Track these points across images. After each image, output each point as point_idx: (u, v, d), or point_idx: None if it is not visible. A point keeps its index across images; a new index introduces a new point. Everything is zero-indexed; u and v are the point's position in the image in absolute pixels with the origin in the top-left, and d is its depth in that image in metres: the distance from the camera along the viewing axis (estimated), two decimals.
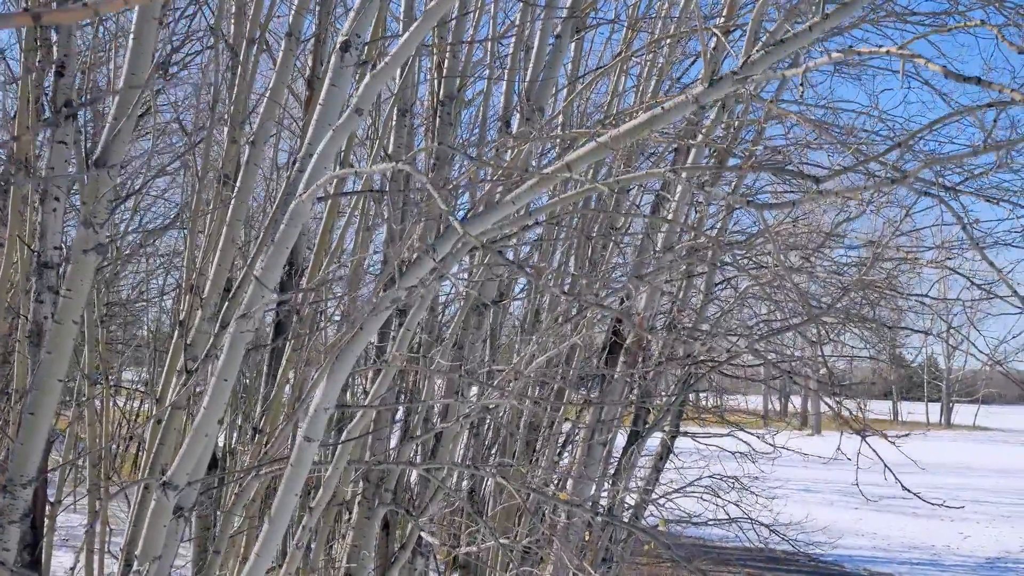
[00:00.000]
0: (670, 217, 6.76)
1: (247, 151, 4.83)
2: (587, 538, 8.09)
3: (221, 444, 8.64)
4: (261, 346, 4.35)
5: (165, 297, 13.30)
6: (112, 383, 7.32)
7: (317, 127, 3.12)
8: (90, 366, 6.25)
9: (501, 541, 3.83)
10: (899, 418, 53.01)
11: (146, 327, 13.76)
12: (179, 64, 8.65)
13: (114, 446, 7.19)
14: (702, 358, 8.51)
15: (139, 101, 3.31)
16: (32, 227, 5.18)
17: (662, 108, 2.40)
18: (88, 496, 6.12)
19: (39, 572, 4.98)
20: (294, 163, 4.00)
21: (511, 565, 5.74)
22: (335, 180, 3.38)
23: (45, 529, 7.01)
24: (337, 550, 7.19)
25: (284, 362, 5.39)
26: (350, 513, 6.68)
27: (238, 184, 4.85)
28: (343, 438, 3.37)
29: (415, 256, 2.63)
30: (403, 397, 5.03)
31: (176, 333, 5.12)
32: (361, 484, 5.81)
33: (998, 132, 3.84)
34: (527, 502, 5.19)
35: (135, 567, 2.90)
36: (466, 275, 4.26)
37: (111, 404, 6.40)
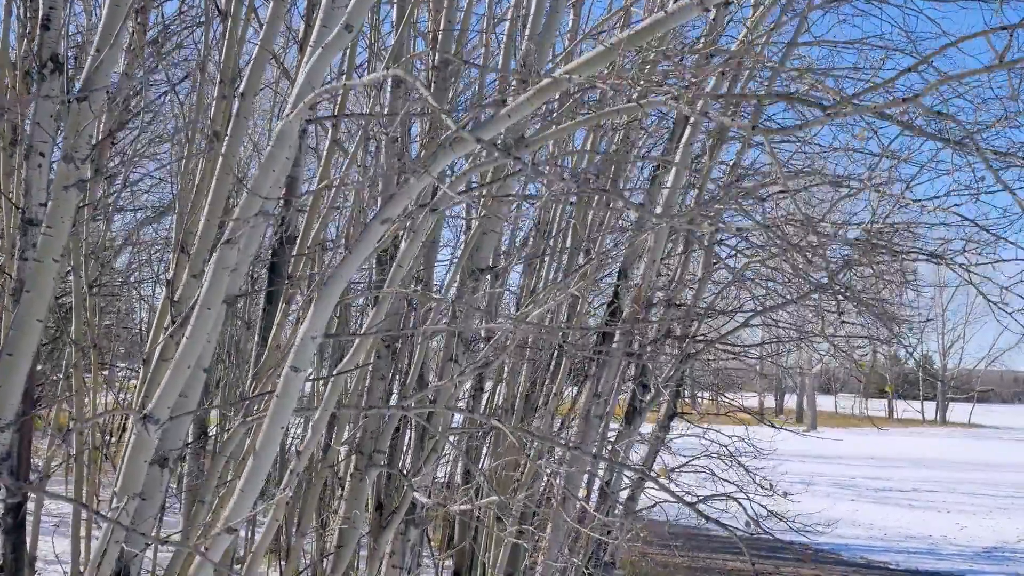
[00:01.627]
0: (667, 189, 6.66)
1: (236, 103, 4.72)
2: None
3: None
4: (251, 293, 4.23)
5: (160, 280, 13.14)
6: (101, 357, 7.20)
7: (311, 51, 3.01)
8: (78, 334, 6.13)
9: (497, 499, 3.71)
10: (894, 415, 53.03)
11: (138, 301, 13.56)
12: (175, 40, 8.55)
13: (102, 418, 7.06)
14: (699, 337, 8.42)
15: (122, 28, 3.19)
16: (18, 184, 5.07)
17: (665, 12, 2.29)
18: (75, 464, 6.01)
19: (22, 536, 4.86)
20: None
21: (508, 524, 5.63)
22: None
23: (34, 505, 6.91)
24: (331, 519, 7.08)
25: (275, 326, 5.28)
26: (342, 488, 6.57)
27: (227, 137, 4.74)
28: (337, 370, 3.26)
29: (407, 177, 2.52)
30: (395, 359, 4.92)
31: (165, 291, 5.01)
32: (354, 457, 5.71)
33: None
34: (526, 451, 5.08)
35: (115, 503, 2.79)
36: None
37: (100, 376, 6.27)
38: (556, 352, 7.73)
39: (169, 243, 12.47)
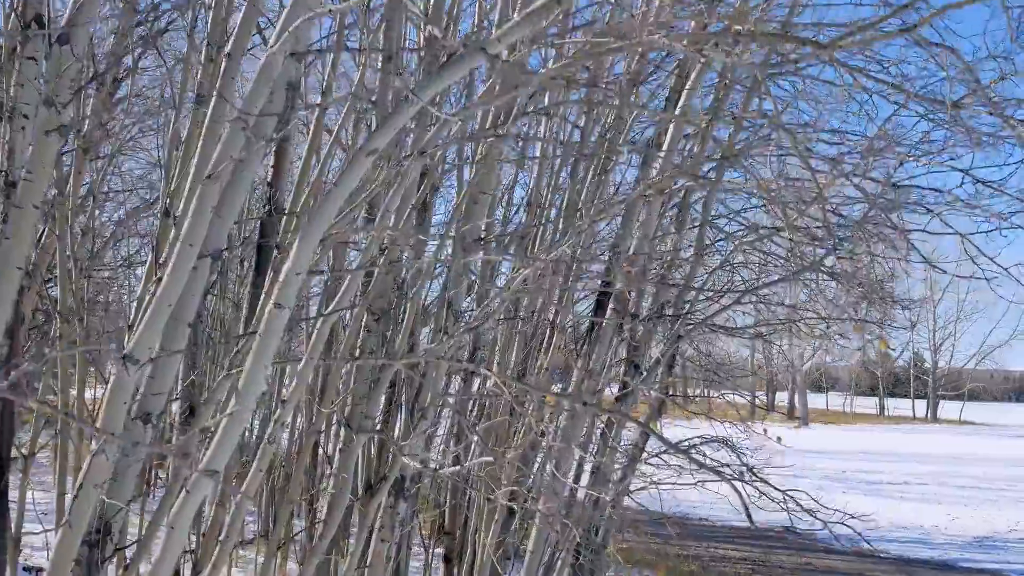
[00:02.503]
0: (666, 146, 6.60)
1: (224, 63, 4.65)
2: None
3: None
4: (240, 246, 4.17)
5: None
6: (87, 332, 7.12)
7: None
8: (63, 304, 6.05)
9: (490, 457, 3.65)
10: (885, 412, 53.13)
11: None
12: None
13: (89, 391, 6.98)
14: (691, 318, 8.36)
15: None
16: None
17: None
18: (59, 439, 5.93)
19: (5, 507, 4.79)
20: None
21: (503, 480, 5.57)
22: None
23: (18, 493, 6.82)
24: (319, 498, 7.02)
25: (264, 296, 5.22)
26: (331, 464, 6.50)
27: (213, 99, 4.67)
28: (328, 310, 3.20)
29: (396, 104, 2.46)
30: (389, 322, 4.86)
31: (152, 257, 4.94)
32: (343, 432, 5.65)
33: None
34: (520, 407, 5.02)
35: (93, 446, 2.72)
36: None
37: (86, 352, 6.18)
38: (548, 330, 7.67)
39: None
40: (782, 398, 50.94)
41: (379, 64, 4.26)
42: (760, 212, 9.52)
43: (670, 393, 9.59)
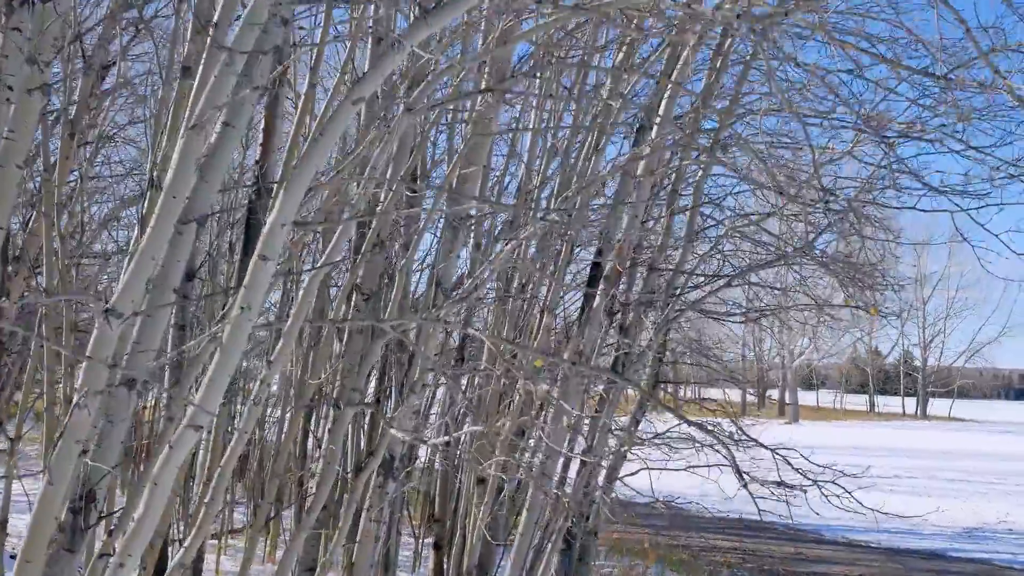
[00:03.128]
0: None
1: (210, 33, 4.62)
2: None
3: None
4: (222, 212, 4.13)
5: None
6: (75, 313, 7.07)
7: None
8: (48, 282, 6.00)
9: (478, 428, 3.63)
10: (875, 409, 53.28)
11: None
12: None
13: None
14: (680, 302, 8.35)
15: None
16: None
17: None
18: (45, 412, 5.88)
19: None
20: None
21: (496, 451, 5.55)
22: None
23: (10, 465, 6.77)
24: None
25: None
26: (320, 446, 6.46)
27: (200, 69, 4.63)
28: (320, 263, 3.17)
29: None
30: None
31: (137, 230, 4.90)
32: (333, 411, 5.62)
33: None
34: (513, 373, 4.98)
35: (75, 400, 2.68)
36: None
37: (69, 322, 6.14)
38: (539, 314, 7.66)
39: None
40: (772, 395, 51.07)
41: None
42: (749, 196, 9.51)
43: (660, 381, 9.58)
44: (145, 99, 9.36)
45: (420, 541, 10.87)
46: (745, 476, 7.13)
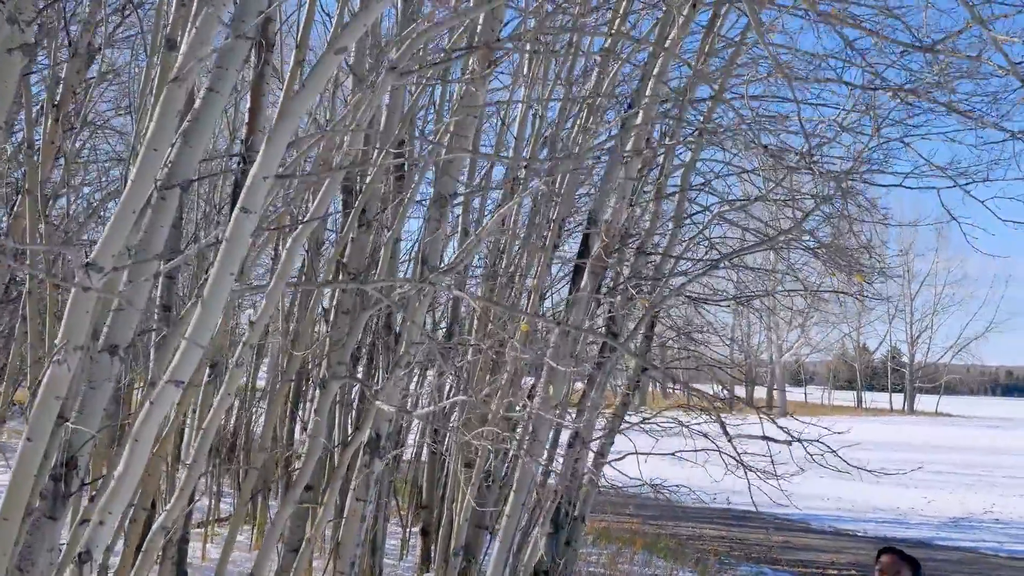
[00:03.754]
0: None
1: (194, 4, 4.58)
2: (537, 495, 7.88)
3: None
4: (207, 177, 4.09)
5: None
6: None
7: None
8: (32, 260, 5.95)
9: (470, 399, 3.61)
10: (863, 405, 53.46)
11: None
12: None
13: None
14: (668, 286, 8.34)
15: None
16: None
17: None
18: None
19: None
20: None
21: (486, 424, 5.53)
22: None
23: None
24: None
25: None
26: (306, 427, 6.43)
27: (185, 41, 4.60)
28: (307, 218, 3.13)
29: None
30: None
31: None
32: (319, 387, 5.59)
33: None
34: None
35: (53, 356, 2.65)
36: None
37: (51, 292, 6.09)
38: (528, 295, 7.64)
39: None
40: (760, 392, 51.20)
41: None
42: (736, 184, 9.52)
43: (647, 367, 9.57)
44: (131, 83, 9.33)
45: (408, 529, 10.86)
46: (734, 446, 7.16)
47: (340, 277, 6.11)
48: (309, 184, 3.50)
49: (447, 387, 7.80)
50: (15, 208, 8.35)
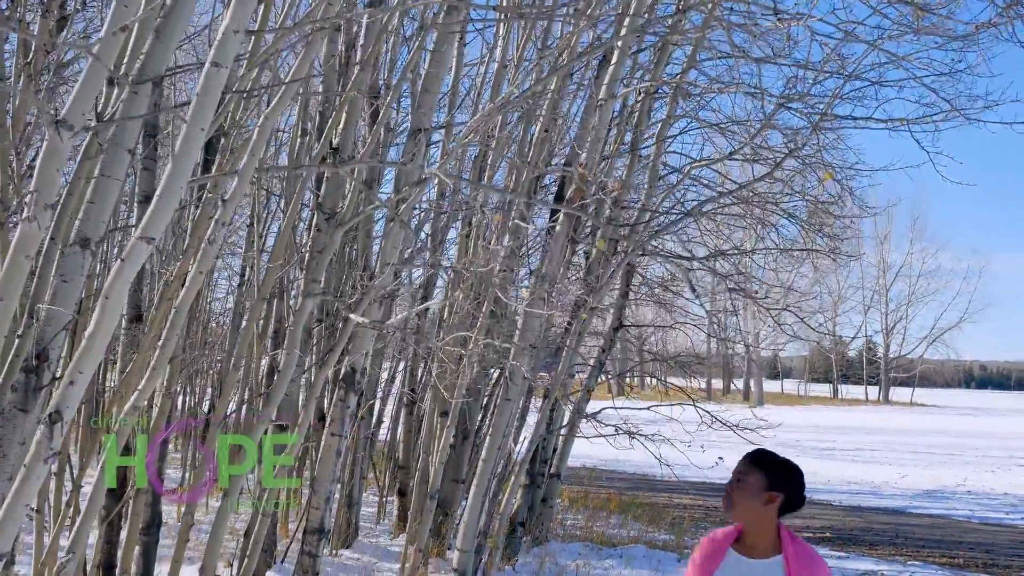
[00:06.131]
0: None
1: None
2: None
3: None
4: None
5: None
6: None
7: None
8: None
9: (439, 301, 3.62)
10: (839, 396, 53.89)
11: None
12: None
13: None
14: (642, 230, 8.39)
15: None
16: None
17: None
18: None
19: None
20: None
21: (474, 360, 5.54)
22: None
23: None
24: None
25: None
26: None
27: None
28: (285, 82, 3.12)
29: None
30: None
31: None
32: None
33: None
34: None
35: (25, 214, 2.65)
36: None
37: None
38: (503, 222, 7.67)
39: None
40: (737, 385, 51.51)
41: None
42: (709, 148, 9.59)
43: (623, 325, 9.62)
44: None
45: (384, 496, 10.88)
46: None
47: (315, 218, 6.13)
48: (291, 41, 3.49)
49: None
50: None
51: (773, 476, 2.70)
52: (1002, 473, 17.98)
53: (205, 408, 12.27)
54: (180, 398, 11.74)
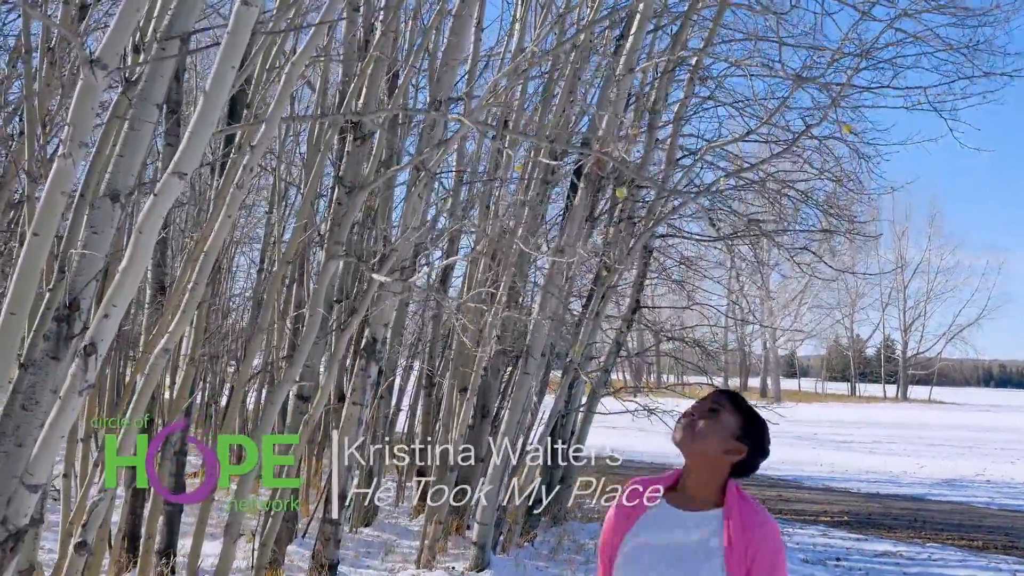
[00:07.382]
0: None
1: None
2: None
3: None
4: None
5: None
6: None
7: None
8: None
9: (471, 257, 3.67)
10: (856, 393, 53.65)
11: None
12: None
13: None
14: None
15: None
16: None
17: None
18: None
19: None
20: None
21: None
22: None
23: None
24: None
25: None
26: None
27: None
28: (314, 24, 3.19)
29: None
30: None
31: None
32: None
33: None
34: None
35: (61, 151, 2.72)
36: None
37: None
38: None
39: None
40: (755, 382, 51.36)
41: None
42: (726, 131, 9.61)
43: (641, 305, 9.65)
44: None
45: (403, 479, 10.96)
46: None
47: (336, 192, 6.20)
48: None
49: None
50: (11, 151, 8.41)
51: (747, 425, 2.22)
52: (1022, 464, 17.90)
53: (222, 403, 12.33)
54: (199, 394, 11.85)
